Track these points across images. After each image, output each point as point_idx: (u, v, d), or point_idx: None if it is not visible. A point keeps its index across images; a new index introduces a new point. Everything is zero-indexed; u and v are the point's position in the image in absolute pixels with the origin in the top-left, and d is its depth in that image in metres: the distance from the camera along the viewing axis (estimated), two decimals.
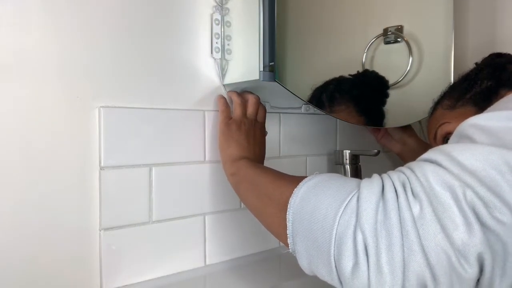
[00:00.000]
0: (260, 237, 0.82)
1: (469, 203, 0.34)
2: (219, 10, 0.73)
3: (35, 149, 0.56)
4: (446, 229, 0.34)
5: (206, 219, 0.74)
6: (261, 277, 0.71)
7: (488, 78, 0.62)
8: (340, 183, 0.42)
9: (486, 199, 0.34)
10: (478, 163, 0.35)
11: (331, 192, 0.41)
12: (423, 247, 0.35)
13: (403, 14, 0.85)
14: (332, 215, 0.39)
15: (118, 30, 0.63)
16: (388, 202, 0.37)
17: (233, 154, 0.66)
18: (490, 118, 0.40)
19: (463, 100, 0.64)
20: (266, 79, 0.65)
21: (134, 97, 0.65)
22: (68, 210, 0.59)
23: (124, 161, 0.64)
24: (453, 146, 0.39)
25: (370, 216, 0.37)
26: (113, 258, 0.63)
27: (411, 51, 0.82)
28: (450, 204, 0.35)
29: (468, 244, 0.33)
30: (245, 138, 0.68)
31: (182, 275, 0.70)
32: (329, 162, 0.94)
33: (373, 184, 0.39)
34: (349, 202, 0.39)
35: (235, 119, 0.70)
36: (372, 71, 0.80)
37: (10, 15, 0.54)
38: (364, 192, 0.38)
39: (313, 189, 0.43)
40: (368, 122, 0.83)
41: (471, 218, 0.34)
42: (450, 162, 0.37)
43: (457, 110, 0.64)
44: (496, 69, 0.63)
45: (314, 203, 0.42)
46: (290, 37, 0.68)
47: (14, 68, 0.55)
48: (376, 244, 0.36)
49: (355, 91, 0.79)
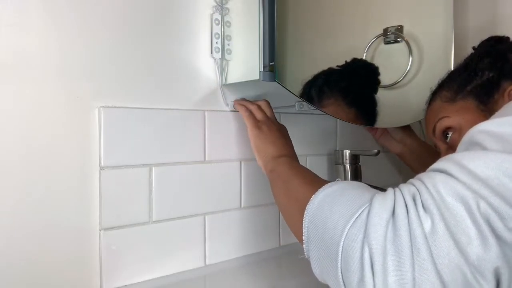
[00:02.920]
0: (260, 237, 0.82)
1: (483, 215, 0.33)
2: (219, 10, 0.73)
3: (35, 149, 0.56)
4: (459, 244, 0.33)
5: (206, 219, 0.74)
6: (261, 277, 0.71)
7: (489, 69, 0.59)
8: (354, 194, 0.41)
9: (500, 210, 0.32)
10: (490, 172, 0.34)
11: (344, 203, 0.41)
12: (436, 265, 0.33)
13: (403, 14, 0.85)
14: (341, 227, 0.38)
15: (118, 30, 0.63)
16: (398, 218, 0.36)
17: (273, 153, 0.67)
18: (501, 124, 0.38)
19: (463, 93, 0.61)
20: (266, 79, 0.65)
21: (134, 97, 0.65)
22: (68, 210, 0.59)
23: (124, 161, 0.64)
24: (463, 154, 0.37)
25: (379, 233, 0.35)
26: (113, 258, 0.63)
27: (411, 51, 0.82)
28: (464, 217, 0.33)
29: (484, 259, 0.32)
30: (278, 137, 0.69)
31: (182, 275, 0.70)
32: (329, 162, 0.94)
33: (386, 199, 0.38)
34: (359, 216, 0.38)
35: (263, 122, 0.71)
36: (360, 59, 0.78)
37: (10, 15, 0.54)
38: (376, 207, 0.37)
39: (328, 198, 0.43)
40: (361, 114, 0.81)
41: (486, 231, 0.32)
42: (461, 171, 0.35)
43: (457, 103, 0.61)
44: (497, 59, 0.60)
45: (328, 212, 0.41)
46: (290, 37, 0.68)
47: (14, 68, 0.55)
48: (383, 263, 0.34)
49: (344, 82, 0.77)
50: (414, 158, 0.94)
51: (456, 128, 0.60)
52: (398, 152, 0.96)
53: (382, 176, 1.04)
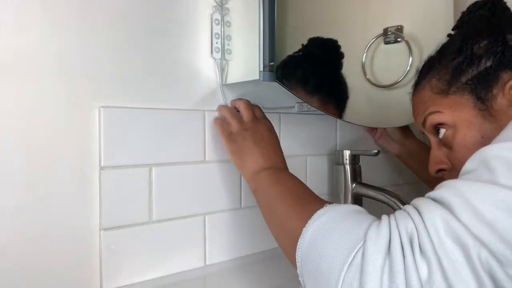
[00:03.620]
0: (260, 237, 0.82)
1: (485, 265, 0.31)
2: (219, 10, 0.73)
3: (35, 149, 0.56)
4: None
5: (206, 219, 0.74)
6: (261, 277, 0.71)
7: (487, 56, 0.51)
8: (347, 229, 0.39)
9: (503, 258, 0.30)
10: (498, 213, 0.31)
11: (337, 239, 0.39)
12: None
13: (403, 14, 0.85)
14: (337, 271, 0.36)
15: (118, 30, 0.63)
16: (394, 263, 0.34)
17: (251, 168, 0.62)
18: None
19: (457, 85, 0.53)
20: (266, 79, 0.65)
21: (134, 97, 0.65)
22: (68, 210, 0.59)
23: (124, 161, 0.64)
24: (469, 186, 0.34)
25: (374, 280, 0.33)
26: (113, 258, 0.63)
27: (411, 51, 0.82)
28: (462, 264, 0.31)
29: None
30: (253, 145, 0.63)
31: (182, 275, 0.70)
32: (329, 162, 0.94)
33: (379, 237, 0.36)
34: (354, 258, 0.36)
35: (235, 132, 0.66)
36: (316, 37, 0.71)
37: (10, 15, 0.54)
38: (370, 249, 0.35)
39: (321, 232, 0.41)
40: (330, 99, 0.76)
41: (486, 281, 0.30)
42: (465, 209, 0.33)
43: (451, 97, 0.53)
44: (496, 42, 0.51)
45: (321, 249, 0.39)
46: (290, 37, 0.68)
47: (14, 68, 0.55)
48: None
49: (305, 66, 0.71)
50: (413, 159, 0.94)
51: (450, 125, 0.53)
52: (396, 153, 0.96)
53: (382, 176, 1.04)
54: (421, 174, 0.92)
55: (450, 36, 0.60)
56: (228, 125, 0.69)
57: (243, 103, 0.70)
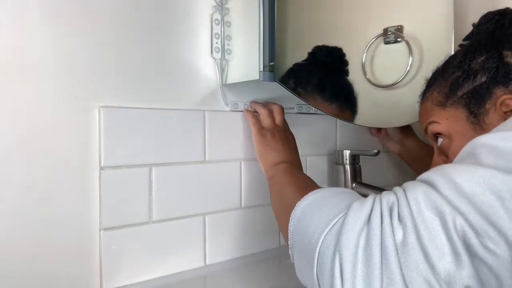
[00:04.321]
0: (260, 237, 0.82)
1: (459, 232, 0.32)
2: (219, 10, 0.73)
3: (35, 149, 0.56)
4: (430, 258, 0.32)
5: (206, 219, 0.74)
6: (261, 277, 0.71)
7: (482, 71, 0.52)
8: (334, 202, 0.42)
9: (478, 227, 0.32)
10: (477, 187, 0.33)
11: (324, 210, 0.42)
12: (404, 277, 0.33)
13: (403, 14, 0.85)
14: (318, 234, 0.39)
15: (118, 30, 0.63)
16: (371, 227, 0.36)
17: (273, 160, 0.69)
18: (503, 138, 0.37)
19: (453, 99, 0.55)
20: (266, 79, 0.65)
21: (134, 97, 0.65)
22: (68, 210, 0.59)
23: (124, 161, 0.64)
24: (454, 167, 0.37)
25: (350, 241, 0.36)
26: (113, 258, 0.63)
27: (411, 51, 0.82)
28: (439, 231, 0.33)
29: (454, 276, 0.32)
30: (281, 144, 0.71)
31: (182, 275, 0.70)
32: (329, 162, 0.94)
33: (362, 207, 0.38)
34: (335, 223, 0.39)
35: (268, 129, 0.73)
36: (322, 45, 0.74)
37: (10, 15, 0.54)
38: (351, 215, 0.38)
39: (311, 205, 0.44)
40: (343, 105, 0.79)
41: (459, 248, 0.32)
42: (447, 185, 0.35)
43: (447, 109, 0.55)
44: (491, 57, 0.52)
45: (309, 219, 0.42)
46: (290, 37, 0.68)
47: (14, 68, 0.55)
48: (352, 270, 0.35)
49: (315, 76, 0.74)
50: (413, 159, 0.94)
51: (446, 135, 0.56)
52: (397, 153, 0.96)
53: (382, 176, 1.04)
54: (422, 173, 0.92)
55: (460, 46, 0.62)
56: (262, 121, 0.74)
57: (278, 108, 0.76)
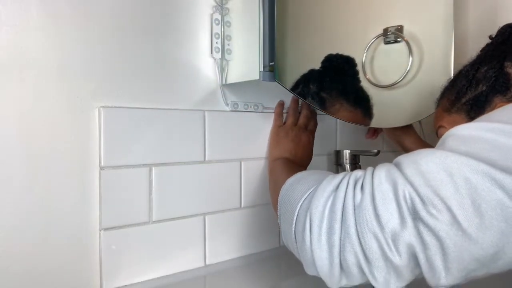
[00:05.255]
0: (260, 237, 0.82)
1: (407, 200, 0.38)
2: (219, 10, 0.73)
3: (35, 149, 0.56)
4: (380, 218, 0.39)
5: (206, 219, 0.74)
6: (261, 277, 0.71)
7: (484, 81, 0.56)
8: (315, 177, 0.49)
9: (425, 197, 0.37)
10: (433, 166, 0.39)
11: (305, 183, 0.49)
12: (357, 231, 0.40)
13: (403, 14, 0.85)
14: (298, 200, 0.47)
15: (118, 30, 0.63)
16: (337, 194, 0.43)
17: (276, 154, 0.76)
18: (467, 128, 0.42)
19: (458, 105, 0.60)
20: (266, 79, 0.65)
21: (134, 97, 0.65)
22: (68, 210, 0.59)
23: (124, 161, 0.64)
24: (421, 151, 0.42)
25: (320, 202, 0.43)
26: (113, 258, 0.63)
27: (411, 51, 0.82)
28: (391, 198, 0.39)
29: (398, 234, 0.38)
30: (290, 142, 0.76)
31: (182, 275, 0.70)
32: (329, 162, 0.94)
33: (334, 179, 0.45)
34: (312, 191, 0.46)
35: (284, 127, 0.79)
36: (336, 54, 0.76)
37: (10, 15, 0.54)
38: (324, 183, 0.45)
39: (296, 180, 0.52)
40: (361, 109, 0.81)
41: (405, 213, 0.38)
42: (409, 165, 0.40)
43: (452, 115, 0.61)
44: (493, 68, 0.56)
45: (292, 191, 0.50)
46: (290, 37, 0.68)
47: (14, 68, 0.55)
48: (319, 224, 0.42)
49: (337, 84, 0.77)
50: None
51: None
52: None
53: None
54: None
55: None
56: (286, 119, 0.81)
57: (306, 111, 0.81)
